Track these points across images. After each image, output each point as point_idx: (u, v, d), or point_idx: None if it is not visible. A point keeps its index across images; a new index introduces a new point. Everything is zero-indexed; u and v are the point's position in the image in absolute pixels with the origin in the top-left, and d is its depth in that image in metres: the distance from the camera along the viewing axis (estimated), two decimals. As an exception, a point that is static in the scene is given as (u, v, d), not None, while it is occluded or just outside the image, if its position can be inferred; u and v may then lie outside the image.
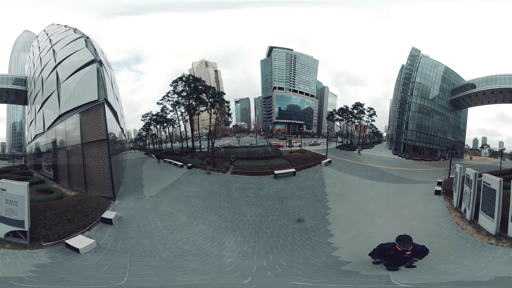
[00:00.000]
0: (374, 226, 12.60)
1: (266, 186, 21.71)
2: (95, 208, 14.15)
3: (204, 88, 40.09)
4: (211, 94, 39.69)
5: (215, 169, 28.32)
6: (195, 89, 39.69)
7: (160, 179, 25.10)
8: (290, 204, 17.24)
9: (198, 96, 39.84)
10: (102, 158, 18.54)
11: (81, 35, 26.91)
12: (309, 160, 30.49)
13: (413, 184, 22.72)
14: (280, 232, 12.98)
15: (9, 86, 40.50)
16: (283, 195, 19.19)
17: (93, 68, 20.73)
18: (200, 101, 40.08)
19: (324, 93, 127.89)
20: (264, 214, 15.65)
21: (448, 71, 56.84)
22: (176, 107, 42.66)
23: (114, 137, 23.53)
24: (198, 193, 20.34)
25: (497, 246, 9.53)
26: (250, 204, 17.48)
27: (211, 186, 22.36)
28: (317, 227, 13.26)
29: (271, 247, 11.39)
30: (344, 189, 21.01)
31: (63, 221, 11.87)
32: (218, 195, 19.58)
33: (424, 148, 53.82)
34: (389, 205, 16.46)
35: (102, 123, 18.58)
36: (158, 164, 36.10)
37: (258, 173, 25.75)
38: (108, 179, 18.09)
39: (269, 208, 16.65)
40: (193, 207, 17.17)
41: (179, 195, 19.76)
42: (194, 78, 41.65)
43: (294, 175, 24.92)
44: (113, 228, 13.02)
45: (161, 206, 17.18)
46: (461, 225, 11.74)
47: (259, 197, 18.98)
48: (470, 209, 12.18)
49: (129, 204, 17.30)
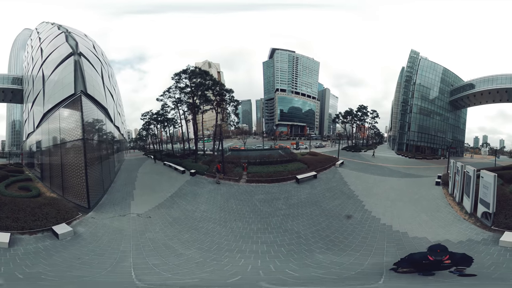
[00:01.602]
0: (400, 208, 15.57)
1: (293, 193, 18.97)
2: (53, 216, 11.78)
3: (211, 84, 34.71)
4: (218, 91, 35.04)
5: (225, 177, 23.24)
6: (200, 85, 34.08)
7: (156, 189, 20.13)
8: (328, 206, 16.00)
9: (203, 93, 34.48)
10: (79, 161, 14.98)
11: (64, 30, 24.46)
12: (325, 163, 28.90)
13: (418, 178, 25.80)
14: (348, 234, 11.83)
15: (5, 85, 38.52)
16: (316, 199, 17.36)
17: (70, 61, 17.89)
18: (205, 98, 34.74)
19: (325, 95, 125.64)
20: (313, 222, 13.31)
21: (447, 72, 57.21)
22: (178, 105, 37.27)
23: (101, 136, 20.63)
24: (210, 212, 14.98)
25: (467, 221, 12.83)
26: (289, 217, 14.17)
27: (226, 201, 17.17)
28: (367, 218, 13.80)
29: (357, 249, 10.40)
30: (364, 185, 21.51)
31: (7, 217, 11.06)
32: (241, 214, 14.71)
33: (426, 147, 54.61)
34: (403, 193, 19.50)
35: (78, 119, 15.14)
36: (155, 166, 32.36)
37: (279, 180, 22.58)
38: (82, 185, 14.40)
39: (312, 215, 14.37)
40: (208, 236, 11.79)
41: (180, 217, 14.13)
42: (200, 70, 35.25)
43: (315, 178, 23.33)
44: (53, 245, 10.06)
45: (150, 231, 12.06)
46: (452, 205, 15.49)
47: (293, 206, 15.99)
48: (459, 193, 15.64)
49: (103, 221, 13.06)
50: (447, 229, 11.96)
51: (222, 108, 36.48)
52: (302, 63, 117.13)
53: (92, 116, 17.71)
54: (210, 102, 35.30)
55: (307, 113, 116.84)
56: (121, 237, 11.18)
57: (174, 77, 33.99)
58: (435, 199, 17.09)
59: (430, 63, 56.16)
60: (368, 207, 15.49)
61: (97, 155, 17.60)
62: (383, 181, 23.72)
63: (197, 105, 35.30)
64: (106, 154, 22.27)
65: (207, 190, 19.70)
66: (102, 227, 12.26)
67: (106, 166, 20.55)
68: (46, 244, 10.12)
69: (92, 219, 13.09)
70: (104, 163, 19.52)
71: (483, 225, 11.86)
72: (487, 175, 12.21)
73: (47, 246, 9.94)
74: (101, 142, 19.66)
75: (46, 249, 9.73)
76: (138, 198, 17.58)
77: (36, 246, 9.87)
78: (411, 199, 17.56)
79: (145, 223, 12.97)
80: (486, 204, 12.01)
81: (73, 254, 9.49)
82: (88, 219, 13.09)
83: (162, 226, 12.66)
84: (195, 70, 34.36)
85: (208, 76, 35.31)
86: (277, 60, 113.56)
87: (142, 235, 11.40)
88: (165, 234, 11.78)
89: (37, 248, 9.74)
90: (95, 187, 15.87)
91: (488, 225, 11.64)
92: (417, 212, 14.59)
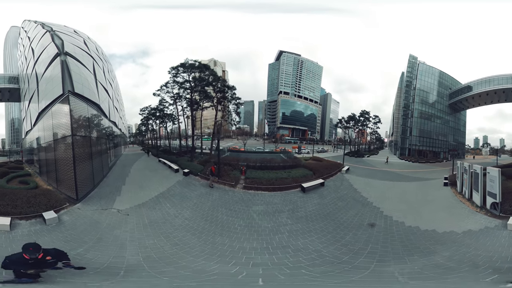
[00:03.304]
0: (418, 209, 16.46)
1: (299, 204, 17.20)
2: (44, 204, 13.36)
3: (212, 79, 33.59)
4: (220, 87, 34.08)
5: (220, 181, 21.73)
6: (200, 80, 33.21)
7: (144, 186, 20.12)
8: (344, 217, 14.71)
9: (203, 89, 33.52)
10: (67, 154, 16.10)
11: (48, 29, 25.33)
12: (331, 169, 28.10)
13: (426, 181, 27.39)
14: (384, 242, 11.36)
15: (2, 85, 39.73)
16: (328, 211, 15.86)
17: (57, 62, 18.90)
18: (205, 95, 33.83)
19: (327, 100, 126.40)
20: (333, 237, 11.61)
21: (445, 76, 58.77)
22: (177, 101, 36.42)
23: (92, 132, 21.63)
24: (192, 220, 13.37)
25: (479, 213, 14.79)
26: (298, 233, 12.09)
27: (214, 209, 15.36)
28: (390, 223, 13.88)
29: (412, 253, 10.19)
30: (376, 191, 21.55)
31: (7, 205, 12.83)
32: (231, 228, 12.61)
33: (428, 151, 56.55)
34: (416, 196, 20.98)
35: (67, 117, 16.25)
36: (149, 162, 33.04)
37: (281, 188, 20.55)
38: (72, 178, 15.44)
39: (329, 229, 12.66)
40: (174, 247, 10.32)
41: (159, 220, 13.24)
42: (199, 64, 33.71)
43: (322, 186, 22.15)
44: (41, 229, 11.54)
45: (120, 229, 11.89)
46: (463, 202, 17.37)
47: (301, 220, 13.91)
48: (468, 190, 17.72)
49: (86, 212, 13.77)
50: (466, 222, 13.58)
51: (223, 105, 35.83)
52: (307, 66, 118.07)
53: (81, 113, 18.56)
54: (210, 98, 34.48)
55: (308, 117, 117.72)
56: (93, 229, 11.75)
57: (171, 71, 33.33)
58: (447, 198, 18.94)
59: (427, 67, 57.63)
60: (387, 212, 15.50)
61: (87, 150, 18.47)
62: (393, 186, 24.78)
63: (196, 101, 34.41)
64: (99, 150, 23.06)
65: (197, 194, 18.51)
66: (83, 217, 13.07)
67: (98, 161, 21.36)
68: (36, 228, 11.65)
69: (78, 210, 13.99)
70: (95, 158, 20.35)
71: (493, 214, 13.92)
72: (492, 170, 14.75)
73: (37, 230, 11.43)
74: (92, 138, 20.59)
75: (35, 232, 11.24)
76: (124, 194, 17.85)
77: (29, 229, 11.46)
78: (425, 201, 18.97)
79: (120, 220, 13.05)
80: (494, 195, 14.27)
81: (53, 238, 10.59)
82: (74, 209, 13.97)
83: (134, 226, 12.33)
84: (194, 63, 33.24)
85: (208, 71, 34.15)
86: (283, 63, 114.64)
87: (111, 231, 11.63)
88: (132, 235, 11.31)
89: (29, 231, 11.30)
90: (84, 181, 16.78)
91: (496, 214, 13.74)
92: (434, 211, 15.96)
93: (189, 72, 33.27)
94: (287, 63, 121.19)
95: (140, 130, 58.17)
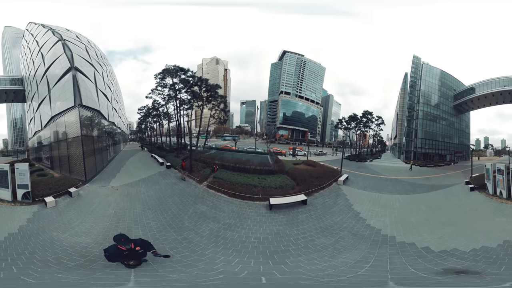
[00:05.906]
0: (468, 227, 14.62)
1: (251, 224, 14.98)
2: (67, 185, 21.11)
3: (195, 81, 37.46)
4: (205, 87, 37.12)
5: (190, 175, 25.40)
6: (184, 82, 37.65)
7: (133, 174, 27.60)
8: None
9: (190, 89, 37.74)
10: (78, 151, 24.25)
11: (59, 37, 30.62)
12: (323, 178, 24.04)
13: (447, 189, 24.87)
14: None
15: (8, 87, 43.38)
16: (284, 249, 12.02)
17: (69, 77, 25.75)
18: (194, 94, 37.39)
19: (329, 102, 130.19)
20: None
21: (448, 77, 59.30)
22: (169, 101, 41.30)
23: (94, 132, 28.95)
24: (150, 198, 19.91)
25: None
26: (200, 256, 11.02)
27: (169, 196, 20.33)
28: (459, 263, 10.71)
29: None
30: (391, 213, 17.15)
31: (45, 189, 19.70)
32: (165, 210, 17.53)
33: (434, 154, 55.61)
34: (449, 209, 18.28)
35: (77, 124, 24.26)
36: (142, 156, 40.13)
37: (244, 197, 19.19)
38: (82, 167, 23.77)
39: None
40: (125, 209, 17.56)
41: (132, 193, 21.15)
42: (175, 67, 37.91)
43: (304, 204, 18.31)
44: (71, 199, 19.48)
45: (111, 196, 20.33)
46: (506, 203, 18.00)
47: (229, 245, 12.11)
48: (506, 190, 18.95)
49: (92, 188, 22.36)
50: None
51: (213, 104, 38.46)
52: (309, 67, 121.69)
53: (87, 119, 26.49)
54: (200, 98, 37.37)
55: (309, 118, 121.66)
56: (96, 196, 20.34)
57: (156, 76, 38.76)
58: (485, 203, 18.74)
59: (431, 68, 58.11)
60: (439, 247, 11.74)
61: (91, 148, 26.40)
62: (411, 201, 20.79)
63: (184, 101, 39.86)
64: (100, 147, 30.92)
65: (167, 183, 24.31)
66: (90, 191, 21.54)
67: (99, 155, 29.63)
68: (67, 201, 19.16)
69: (87, 187, 22.59)
70: (97, 153, 28.61)
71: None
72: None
73: (68, 202, 18.91)
74: (94, 138, 28.36)
75: (69, 202, 18.84)
76: (118, 178, 26.14)
77: (64, 202, 18.77)
78: (464, 213, 17.28)
79: (112, 192, 21.57)
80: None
81: (79, 202, 18.96)
82: (85, 187, 22.54)
83: (119, 195, 20.58)
84: (169, 68, 37.94)
85: (189, 72, 38.09)
86: (285, 63, 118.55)
87: (106, 198, 20.09)
88: (116, 199, 19.61)
89: (64, 203, 18.55)
90: (90, 169, 25.24)
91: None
92: (487, 221, 15.02)
93: (173, 76, 38.28)
94: (290, 63, 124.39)
95: (140, 127, 63.64)
